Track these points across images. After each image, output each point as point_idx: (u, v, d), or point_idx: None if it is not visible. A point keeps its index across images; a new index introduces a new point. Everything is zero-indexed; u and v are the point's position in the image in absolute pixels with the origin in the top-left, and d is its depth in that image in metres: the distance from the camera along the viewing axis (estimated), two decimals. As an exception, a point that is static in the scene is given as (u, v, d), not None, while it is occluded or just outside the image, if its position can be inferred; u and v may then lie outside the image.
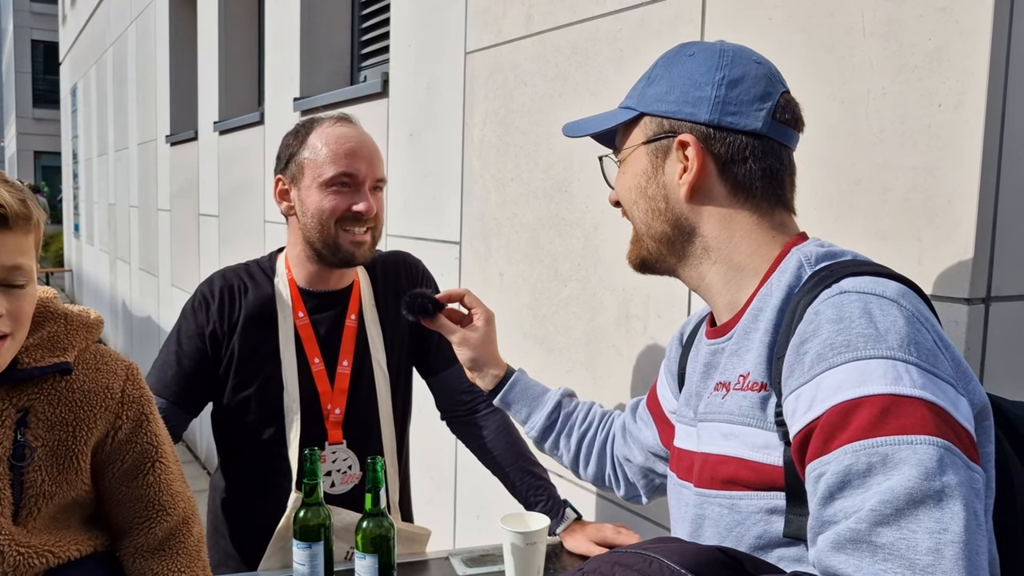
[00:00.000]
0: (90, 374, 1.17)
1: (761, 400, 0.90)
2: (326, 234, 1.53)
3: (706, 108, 0.97)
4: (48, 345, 1.13)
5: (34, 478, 1.11)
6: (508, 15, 2.16)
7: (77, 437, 1.14)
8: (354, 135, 1.56)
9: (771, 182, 0.99)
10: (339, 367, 1.60)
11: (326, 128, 1.56)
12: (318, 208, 1.53)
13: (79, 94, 11.84)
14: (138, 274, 7.60)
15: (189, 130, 5.66)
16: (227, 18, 4.93)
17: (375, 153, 1.58)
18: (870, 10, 1.26)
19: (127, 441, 1.19)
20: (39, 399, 1.13)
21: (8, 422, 1.10)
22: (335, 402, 1.59)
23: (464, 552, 1.52)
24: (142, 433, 1.20)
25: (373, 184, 1.56)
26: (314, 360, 1.59)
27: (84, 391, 1.15)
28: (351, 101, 3.12)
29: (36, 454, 1.11)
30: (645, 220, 1.03)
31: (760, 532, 0.90)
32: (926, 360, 0.79)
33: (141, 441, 1.20)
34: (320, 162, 1.53)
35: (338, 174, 1.52)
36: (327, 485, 1.59)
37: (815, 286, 0.88)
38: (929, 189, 1.19)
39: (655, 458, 1.28)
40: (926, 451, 0.73)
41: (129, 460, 1.20)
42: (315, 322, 1.60)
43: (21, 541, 1.10)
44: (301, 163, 1.56)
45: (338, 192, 1.53)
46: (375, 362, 1.63)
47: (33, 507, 1.11)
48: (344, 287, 1.64)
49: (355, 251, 1.54)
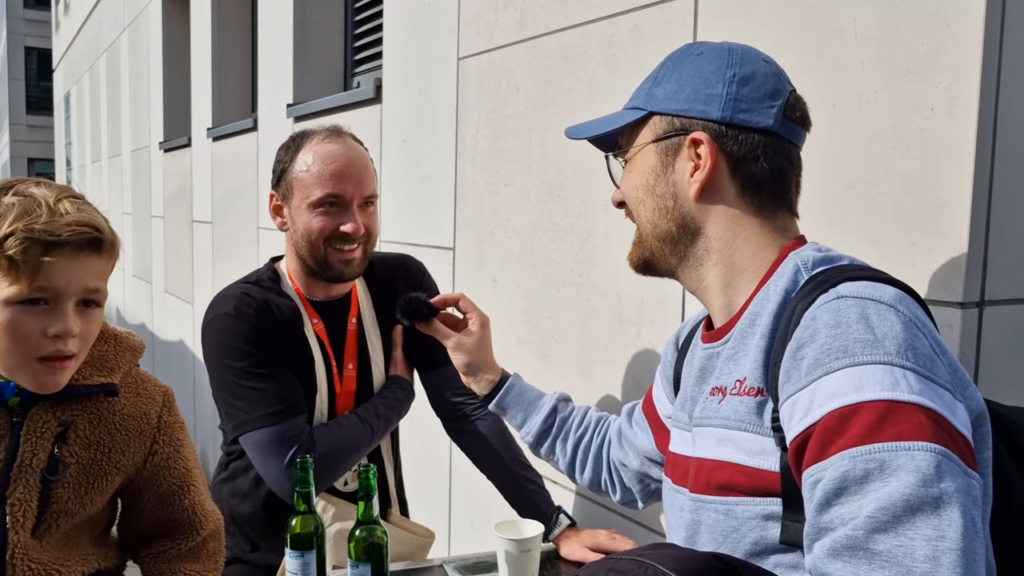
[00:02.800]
0: (131, 398, 1.19)
1: (757, 405, 0.89)
2: (316, 253, 1.55)
3: (718, 105, 0.97)
4: (97, 364, 1.16)
5: (60, 494, 1.12)
6: (500, 21, 2.16)
7: (111, 459, 1.16)
8: (342, 153, 1.54)
9: (778, 183, 0.98)
10: (345, 370, 1.63)
11: (315, 144, 1.55)
12: (307, 228, 1.53)
13: (72, 101, 11.81)
14: (132, 281, 7.57)
15: (182, 136, 5.65)
16: (220, 24, 4.93)
17: (364, 170, 1.57)
18: (862, 14, 1.26)
19: (164, 467, 1.22)
20: (81, 416, 1.14)
21: (48, 435, 1.11)
22: (345, 404, 1.62)
23: (458, 560, 1.51)
24: (178, 459, 1.23)
25: (362, 201, 1.55)
26: (348, 365, 1.63)
27: (124, 414, 1.18)
28: (344, 107, 3.12)
29: (69, 471, 1.12)
30: (651, 219, 1.02)
31: (756, 538, 0.89)
32: (923, 366, 0.78)
33: (177, 466, 1.23)
34: (308, 183, 1.53)
35: (325, 196, 1.52)
36: (340, 484, 1.60)
37: (812, 291, 0.87)
38: (922, 193, 1.19)
39: (650, 463, 1.27)
40: (924, 458, 0.73)
41: (164, 486, 1.22)
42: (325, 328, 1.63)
43: (33, 556, 1.11)
44: (291, 181, 1.56)
45: (326, 213, 1.52)
46: (374, 364, 1.66)
47: (53, 523, 1.12)
48: (344, 294, 1.66)
49: (344, 269, 1.56)
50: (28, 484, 1.09)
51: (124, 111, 7.70)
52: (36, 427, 1.11)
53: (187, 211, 5.52)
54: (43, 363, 1.06)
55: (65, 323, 1.04)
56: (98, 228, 1.06)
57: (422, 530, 1.69)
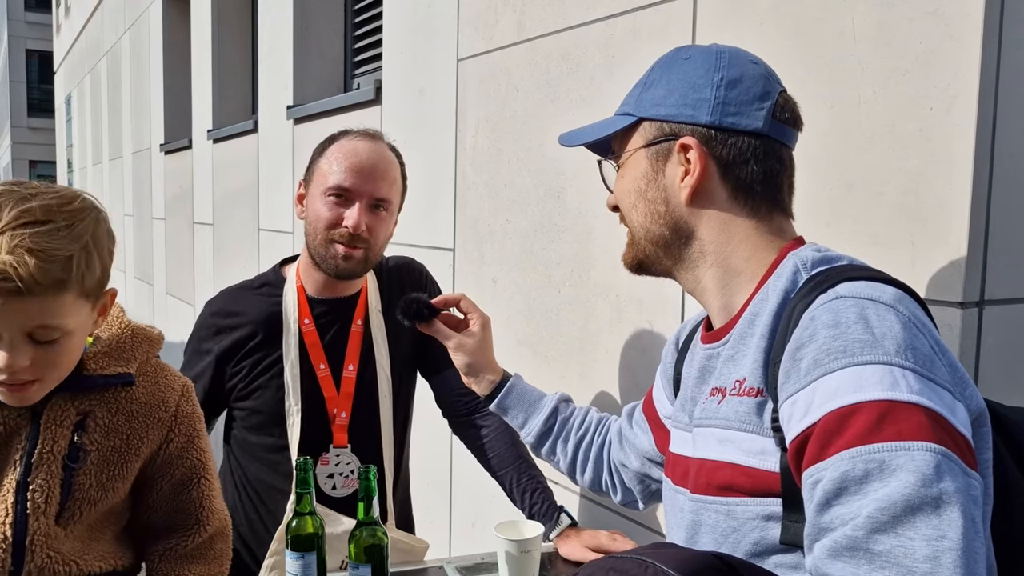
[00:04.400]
0: (149, 387, 1.20)
1: (757, 406, 0.89)
2: (318, 242, 1.57)
3: (707, 110, 0.97)
4: (114, 354, 1.17)
5: (83, 482, 1.14)
6: (500, 22, 2.16)
7: (130, 446, 1.18)
8: (364, 151, 1.57)
9: (771, 185, 0.98)
10: (344, 371, 1.63)
11: (345, 141, 1.59)
12: (316, 216, 1.57)
13: (73, 103, 11.82)
14: (133, 283, 7.58)
15: (183, 138, 5.65)
16: (220, 26, 4.93)
17: (382, 173, 1.58)
18: (860, 14, 1.26)
19: (178, 455, 1.22)
20: (100, 405, 1.16)
21: (67, 423, 1.13)
22: (341, 406, 1.61)
23: (458, 560, 1.51)
24: (193, 448, 1.24)
25: (371, 202, 1.56)
26: (319, 366, 1.61)
27: (142, 403, 1.19)
28: (344, 109, 3.12)
29: (90, 458, 1.14)
30: (643, 224, 1.03)
31: (756, 539, 0.89)
32: (923, 366, 0.78)
33: (191, 456, 1.24)
34: (326, 172, 1.57)
35: (334, 185, 1.55)
36: (328, 488, 1.59)
37: (811, 291, 0.87)
38: (921, 193, 1.19)
39: (651, 464, 1.27)
40: (923, 458, 0.73)
41: (178, 474, 1.23)
42: (321, 328, 1.62)
43: (53, 545, 1.12)
44: (314, 171, 1.61)
45: (334, 204, 1.55)
46: (379, 367, 1.65)
47: (76, 511, 1.14)
48: (352, 294, 1.66)
49: (338, 263, 1.56)
50: (50, 472, 1.11)
51: (125, 113, 7.71)
52: (56, 416, 1.12)
53: (188, 213, 5.52)
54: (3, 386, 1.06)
55: (7, 359, 1.02)
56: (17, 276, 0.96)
57: (415, 540, 1.68)
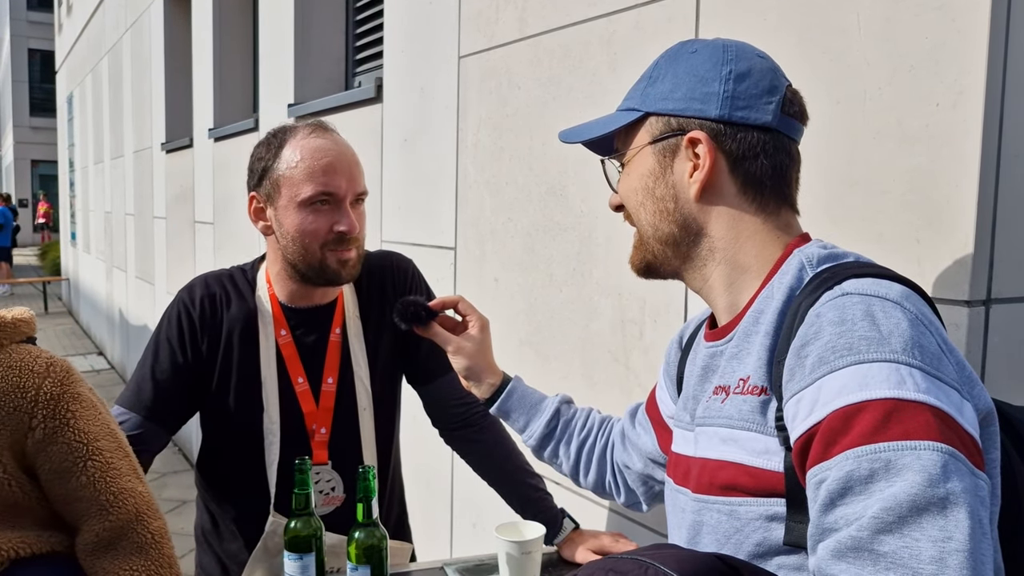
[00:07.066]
0: (2, 372, 1.16)
1: (761, 404, 0.88)
2: (310, 257, 1.44)
3: (715, 104, 0.95)
4: None
5: None
6: (501, 19, 2.15)
7: None
8: (331, 147, 1.44)
9: (779, 180, 0.97)
10: (324, 385, 1.52)
11: (300, 139, 1.44)
12: (299, 230, 1.43)
13: (75, 102, 11.83)
14: (134, 282, 7.58)
15: (184, 137, 5.65)
16: (221, 25, 4.93)
17: (355, 165, 1.47)
18: (865, 10, 1.25)
19: (48, 441, 1.17)
20: None
21: None
22: (320, 421, 1.52)
23: (458, 562, 1.49)
24: (67, 431, 1.18)
25: (354, 199, 1.45)
26: (297, 380, 1.51)
27: None
28: (345, 107, 3.12)
29: None
30: (652, 222, 1.01)
31: (759, 539, 0.88)
32: (930, 364, 0.77)
33: (66, 440, 1.18)
34: (297, 180, 1.42)
35: (317, 193, 1.42)
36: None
37: (817, 288, 0.86)
38: (927, 190, 1.18)
39: (654, 464, 1.26)
40: (930, 457, 0.71)
41: (56, 460, 1.17)
42: (298, 339, 1.52)
43: None
44: (276, 180, 1.44)
45: (318, 212, 1.42)
46: (357, 379, 1.55)
47: None
48: (328, 302, 1.55)
49: (342, 271, 1.46)
50: None
51: (126, 112, 7.71)
52: None
53: (189, 212, 5.52)
54: None
55: None
56: None
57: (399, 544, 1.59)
